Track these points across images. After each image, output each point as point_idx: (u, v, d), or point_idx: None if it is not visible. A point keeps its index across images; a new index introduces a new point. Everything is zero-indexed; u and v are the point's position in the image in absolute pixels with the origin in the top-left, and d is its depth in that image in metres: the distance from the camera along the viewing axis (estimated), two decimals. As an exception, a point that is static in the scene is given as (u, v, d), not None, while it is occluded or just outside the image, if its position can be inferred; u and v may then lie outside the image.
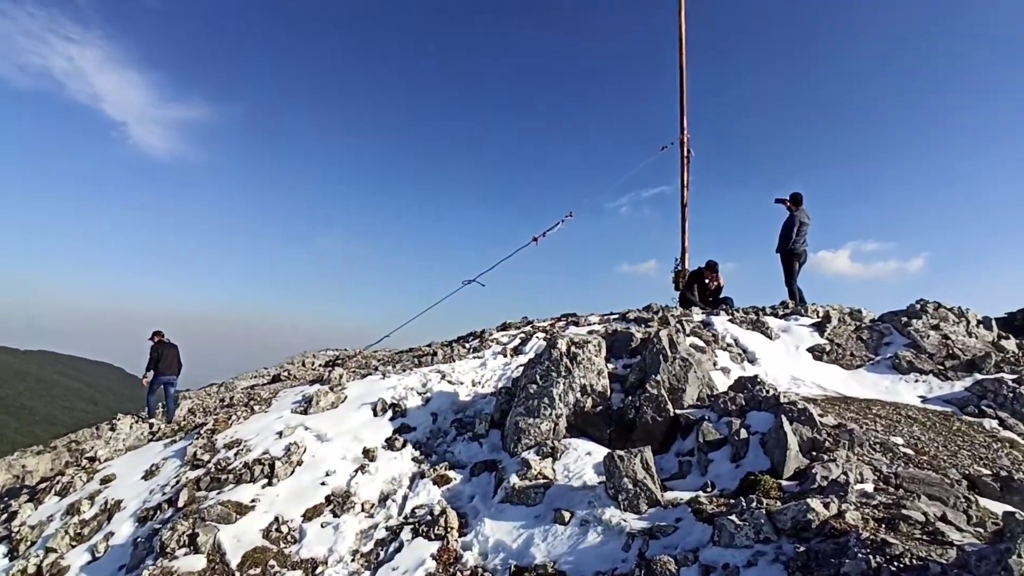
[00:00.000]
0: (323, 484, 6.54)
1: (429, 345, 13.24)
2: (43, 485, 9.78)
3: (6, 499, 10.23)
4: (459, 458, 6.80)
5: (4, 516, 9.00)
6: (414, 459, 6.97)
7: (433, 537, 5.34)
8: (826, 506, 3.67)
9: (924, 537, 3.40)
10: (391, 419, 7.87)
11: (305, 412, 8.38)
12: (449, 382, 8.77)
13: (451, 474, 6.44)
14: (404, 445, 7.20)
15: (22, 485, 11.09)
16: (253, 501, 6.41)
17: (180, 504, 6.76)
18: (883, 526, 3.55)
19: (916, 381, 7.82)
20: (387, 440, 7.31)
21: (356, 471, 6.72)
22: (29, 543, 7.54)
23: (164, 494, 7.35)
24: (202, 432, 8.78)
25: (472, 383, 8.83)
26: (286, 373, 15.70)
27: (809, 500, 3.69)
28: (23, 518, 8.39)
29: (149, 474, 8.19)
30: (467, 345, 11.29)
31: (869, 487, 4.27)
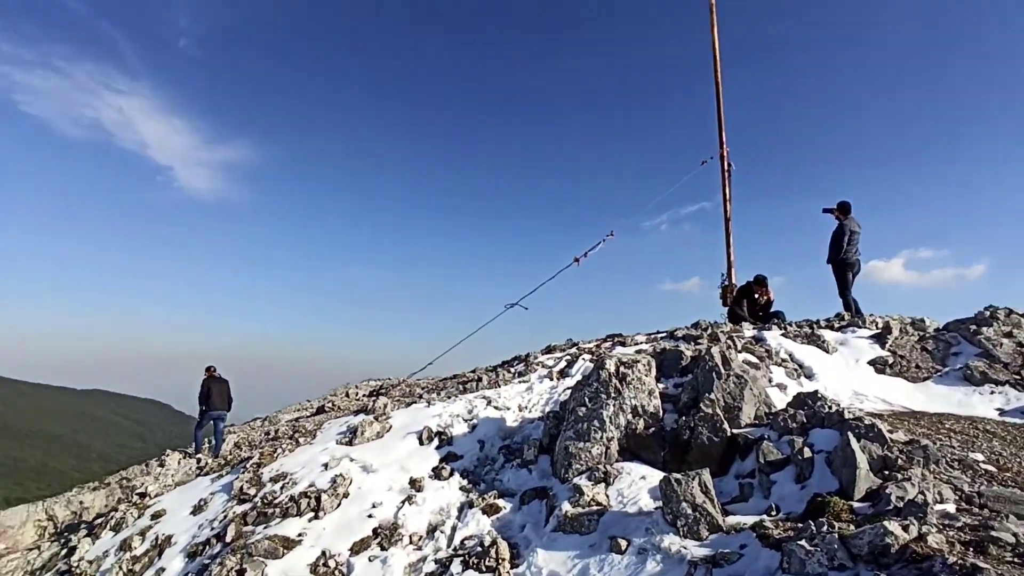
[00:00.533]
0: (370, 516, 6.45)
1: (473, 371, 13.14)
2: (99, 520, 9.97)
3: (67, 534, 10.49)
4: (508, 486, 6.62)
5: (65, 551, 9.26)
6: (462, 488, 6.82)
7: (484, 569, 5.17)
8: (905, 529, 3.39)
9: (1016, 560, 3.13)
10: (437, 448, 7.75)
11: (350, 443, 8.34)
12: (495, 408, 8.62)
13: (500, 503, 6.26)
14: (451, 474, 7.07)
15: (80, 520, 11.32)
16: (300, 535, 6.36)
17: (228, 539, 6.76)
18: (970, 550, 3.27)
19: (991, 393, 7.32)
20: (434, 469, 7.19)
21: (403, 502, 6.61)
22: (87, 578, 7.72)
23: (212, 529, 7.38)
24: (248, 466, 8.82)
25: (519, 408, 8.66)
26: (330, 404, 15.76)
27: (886, 523, 3.42)
28: (82, 553, 8.60)
29: (197, 509, 8.24)
30: (512, 369, 11.16)
31: (950, 507, 3.96)
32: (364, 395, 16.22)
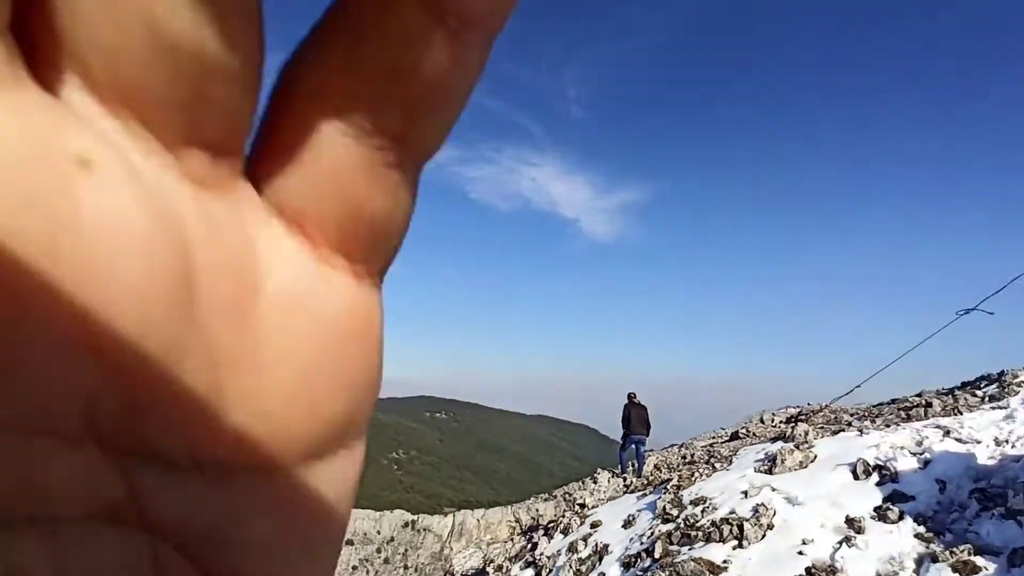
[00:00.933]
0: (800, 553, 5.87)
1: (919, 395, 10.93)
2: (551, 524, 11.83)
3: (530, 533, 12.80)
4: (988, 540, 5.13)
5: (530, 546, 11.31)
6: (917, 536, 5.61)
7: (966, 643, 4.08)
8: None
9: None
10: (878, 484, 6.59)
11: (769, 471, 7.82)
12: (957, 440, 6.87)
13: (979, 561, 4.89)
14: (901, 517, 5.89)
15: (537, 523, 13.63)
16: (725, 562, 6.23)
17: (656, 555, 7.07)
18: None
19: None
20: (876, 509, 6.13)
21: (840, 543, 5.81)
22: (548, 570, 9.36)
23: (641, 544, 7.87)
24: (668, 487, 9.15)
25: (995, 442, 6.69)
26: (744, 431, 15.22)
27: None
28: (542, 549, 10.35)
29: (627, 524, 8.93)
30: (979, 392, 8.84)
31: None
32: (781, 422, 15.17)
